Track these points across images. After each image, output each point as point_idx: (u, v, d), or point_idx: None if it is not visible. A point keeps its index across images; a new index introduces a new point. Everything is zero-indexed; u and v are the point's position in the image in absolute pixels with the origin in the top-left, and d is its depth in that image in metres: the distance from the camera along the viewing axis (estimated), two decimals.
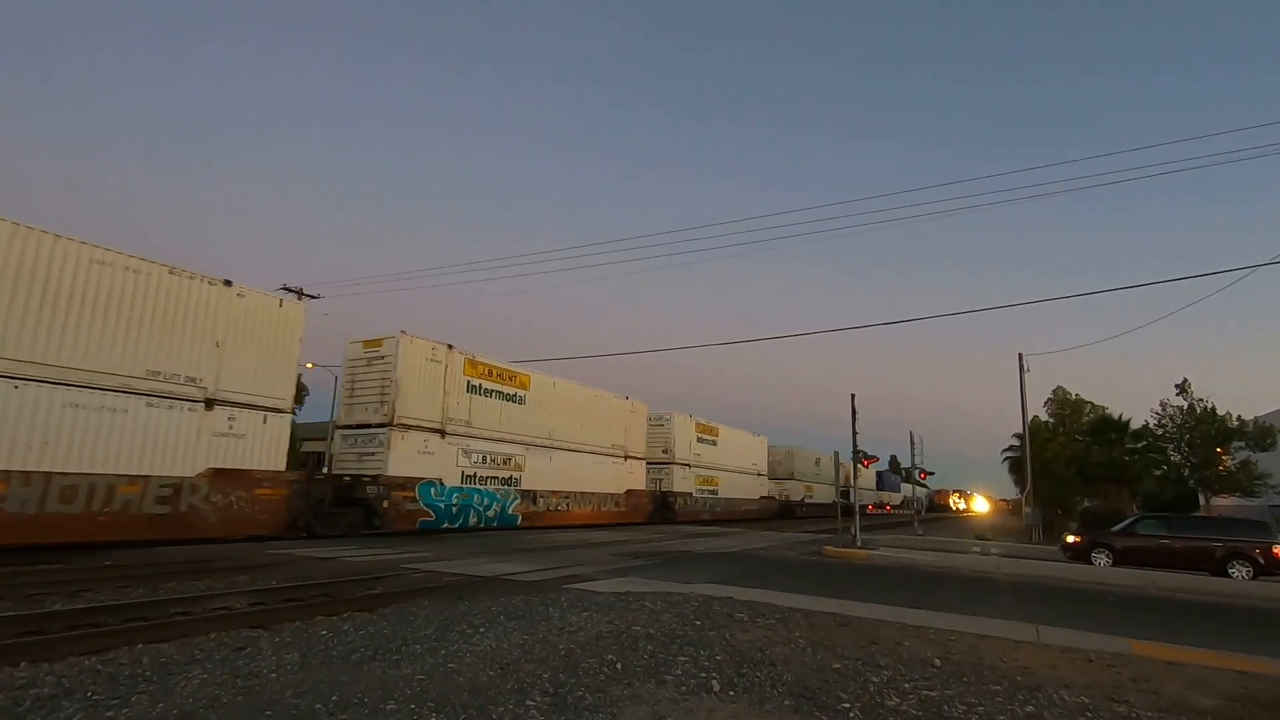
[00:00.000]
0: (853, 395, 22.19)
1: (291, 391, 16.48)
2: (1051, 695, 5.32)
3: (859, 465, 23.20)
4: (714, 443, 37.41)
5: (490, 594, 9.07)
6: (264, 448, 15.54)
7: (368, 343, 20.29)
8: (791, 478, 49.67)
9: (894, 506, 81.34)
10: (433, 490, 19.78)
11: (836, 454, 26.90)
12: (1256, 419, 29.66)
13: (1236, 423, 28.43)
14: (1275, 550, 16.18)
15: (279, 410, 15.97)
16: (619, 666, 5.53)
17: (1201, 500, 29.74)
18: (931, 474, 46.19)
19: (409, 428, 19.33)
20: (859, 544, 19.90)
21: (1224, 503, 31.87)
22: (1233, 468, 28.10)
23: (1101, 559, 17.43)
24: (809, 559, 17.24)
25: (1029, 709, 4.96)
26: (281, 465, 15.97)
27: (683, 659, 5.82)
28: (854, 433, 22.25)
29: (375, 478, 18.33)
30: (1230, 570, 16.08)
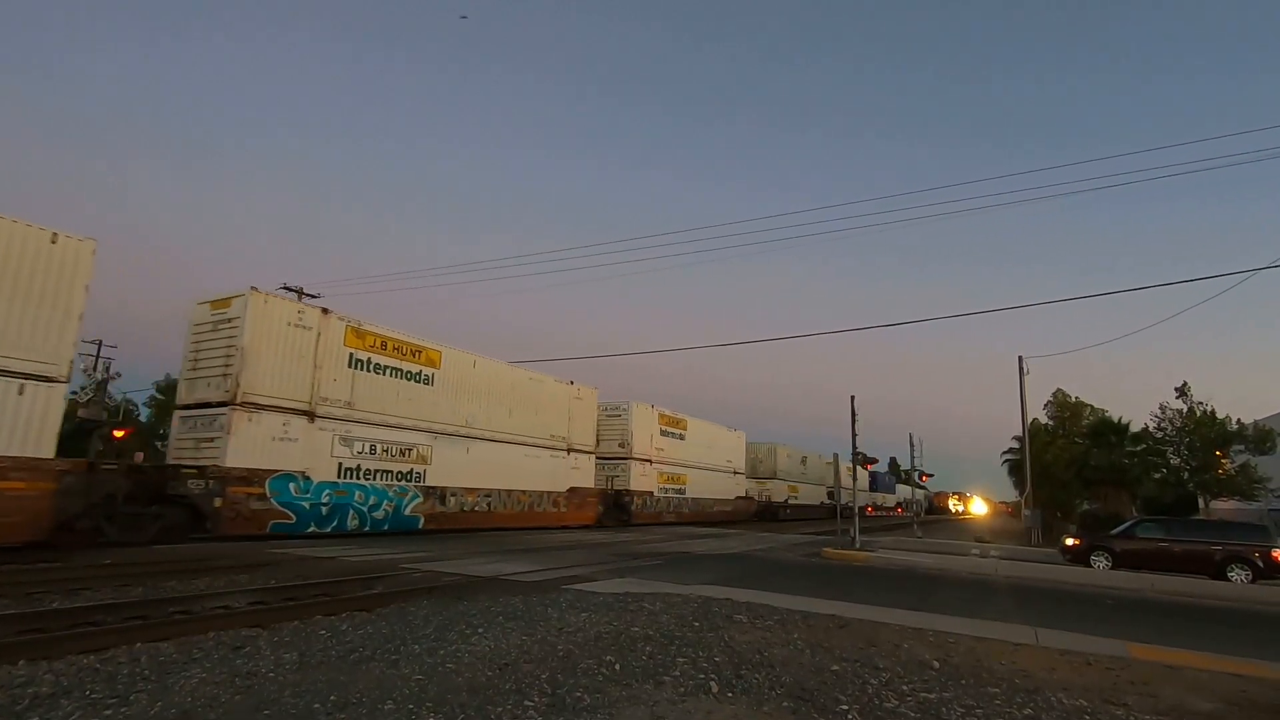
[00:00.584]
0: (852, 397, 22.23)
1: (69, 355, 12.71)
2: (1050, 698, 5.32)
3: (858, 467, 23.21)
4: (681, 436, 34.33)
5: (489, 594, 9.07)
6: (17, 427, 11.76)
7: (214, 303, 16.51)
8: (774, 477, 46.56)
9: (889, 509, 78.92)
10: (292, 486, 16.28)
11: (836, 456, 26.89)
12: (1256, 422, 29.67)
13: (1236, 426, 28.48)
14: (1274, 554, 16.16)
15: (45, 379, 12.16)
16: (617, 667, 5.53)
17: (1201, 503, 29.75)
18: (931, 476, 46.17)
19: (260, 408, 15.76)
20: (858, 546, 19.91)
21: (1223, 506, 31.87)
22: (1232, 471, 28.13)
23: (1101, 562, 17.43)
24: (808, 561, 17.24)
25: (1027, 712, 4.96)
26: (49, 451, 12.16)
27: (681, 660, 5.82)
28: (854, 434, 22.26)
29: (203, 469, 14.84)
30: (1229, 574, 16.06)
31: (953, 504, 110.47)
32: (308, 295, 30.62)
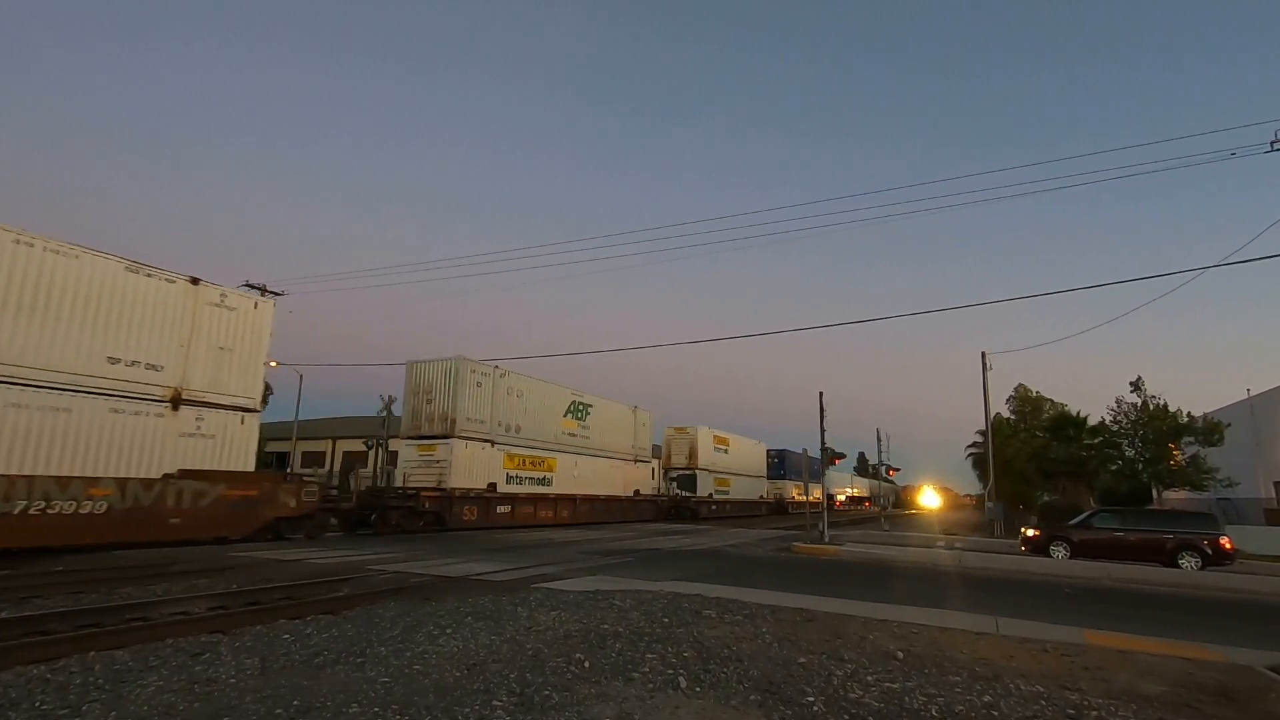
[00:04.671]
0: (820, 393, 22.49)
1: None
2: (1008, 685, 5.46)
3: (827, 455, 23.47)
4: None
5: (458, 594, 9.00)
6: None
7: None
8: (448, 434, 22.02)
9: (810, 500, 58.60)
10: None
11: (809, 449, 27.17)
12: (1205, 415, 30.74)
13: (1187, 419, 29.42)
14: (1222, 542, 16.82)
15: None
16: (587, 665, 5.53)
17: (1154, 494, 30.74)
18: (898, 470, 46.73)
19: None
20: (827, 540, 20.21)
21: (1175, 496, 32.98)
22: (1183, 463, 29.07)
23: (1059, 552, 17.93)
24: (777, 555, 17.45)
25: (986, 699, 5.09)
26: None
27: (650, 656, 5.85)
28: (822, 430, 22.55)
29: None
30: (1180, 561, 16.66)
31: (905, 497, 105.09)
32: (272, 293, 29.98)
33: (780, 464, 52.85)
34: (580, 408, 29.28)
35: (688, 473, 38.66)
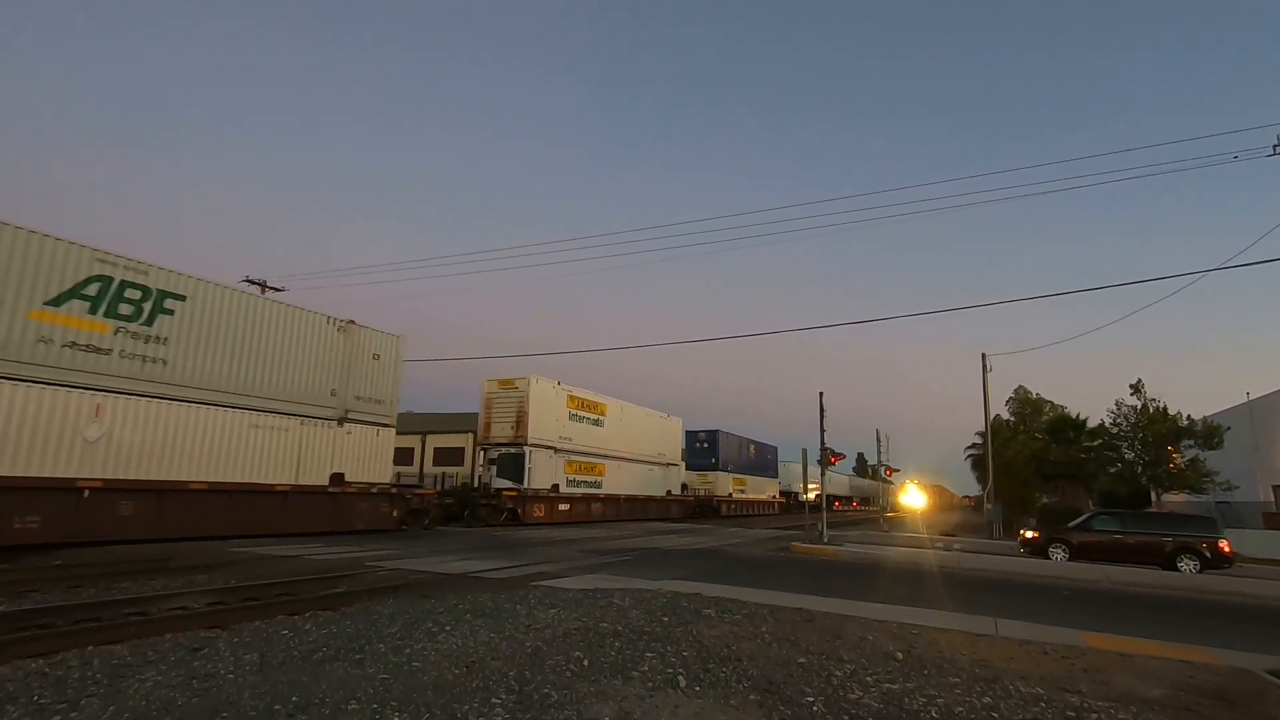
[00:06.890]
0: (820, 393, 22.48)
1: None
2: (1008, 687, 5.45)
3: (822, 455, 23.44)
4: None
5: (457, 591, 8.99)
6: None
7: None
8: None
9: (758, 500, 48.27)
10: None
11: (809, 449, 27.13)
12: (1205, 418, 30.74)
13: (1186, 422, 29.42)
14: (1221, 545, 16.82)
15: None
16: (586, 663, 5.52)
17: (1153, 497, 30.73)
18: (897, 470, 46.49)
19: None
20: (826, 540, 20.22)
21: (1174, 499, 32.98)
22: (1182, 466, 29.06)
23: (1058, 554, 17.93)
24: (776, 555, 17.45)
25: (986, 700, 5.08)
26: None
27: (650, 655, 5.84)
28: (822, 430, 22.56)
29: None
30: (1179, 564, 16.66)
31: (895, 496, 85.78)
32: (272, 288, 29.97)
33: (711, 449, 40.44)
34: (126, 292, 13.74)
35: (512, 450, 24.65)
